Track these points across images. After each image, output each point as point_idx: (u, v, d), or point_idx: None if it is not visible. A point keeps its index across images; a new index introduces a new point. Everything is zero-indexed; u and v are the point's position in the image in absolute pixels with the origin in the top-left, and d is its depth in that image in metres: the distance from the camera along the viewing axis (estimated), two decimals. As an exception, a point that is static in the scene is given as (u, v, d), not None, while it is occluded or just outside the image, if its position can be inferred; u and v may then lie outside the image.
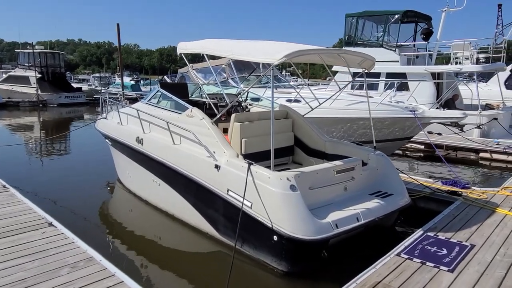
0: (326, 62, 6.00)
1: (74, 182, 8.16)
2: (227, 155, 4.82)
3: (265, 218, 4.18)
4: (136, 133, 6.42)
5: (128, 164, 6.93)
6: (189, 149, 5.36)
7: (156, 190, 6.16)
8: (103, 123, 7.79)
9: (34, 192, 7.11)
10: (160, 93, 6.55)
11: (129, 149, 6.64)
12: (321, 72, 54.87)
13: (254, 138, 5.58)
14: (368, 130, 9.37)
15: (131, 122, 6.89)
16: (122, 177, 7.64)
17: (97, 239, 5.18)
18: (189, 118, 5.54)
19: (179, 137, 5.68)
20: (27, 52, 30.43)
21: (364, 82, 5.95)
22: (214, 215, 4.98)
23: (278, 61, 4.26)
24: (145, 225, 5.94)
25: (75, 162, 10.36)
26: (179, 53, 5.98)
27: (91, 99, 31.66)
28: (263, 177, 4.27)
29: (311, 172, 4.51)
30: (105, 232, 5.74)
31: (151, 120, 6.29)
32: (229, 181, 4.63)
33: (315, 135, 6.14)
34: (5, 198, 5.46)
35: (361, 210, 4.45)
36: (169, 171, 5.63)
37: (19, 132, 16.82)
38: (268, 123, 5.92)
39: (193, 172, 5.17)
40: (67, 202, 6.74)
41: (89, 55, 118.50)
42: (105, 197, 7.40)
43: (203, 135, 5.20)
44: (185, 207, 5.51)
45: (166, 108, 6.18)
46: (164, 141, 5.81)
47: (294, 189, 4.13)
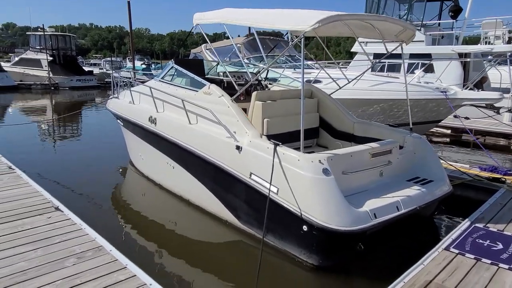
0: (356, 35, 5.42)
1: (85, 165, 7.80)
2: (250, 135, 4.34)
3: (293, 206, 3.71)
4: (149, 112, 5.97)
5: (141, 145, 6.51)
6: (207, 129, 4.90)
7: (170, 173, 5.74)
8: (115, 103, 7.36)
9: (41, 174, 6.76)
10: (174, 69, 6.06)
11: (141, 130, 6.22)
12: (333, 56, 53.49)
13: (276, 118, 5.08)
14: (394, 111, 8.78)
15: (143, 101, 6.44)
16: (135, 159, 7.25)
17: (107, 225, 4.78)
18: (207, 95, 5.06)
19: (195, 116, 5.22)
20: (38, 34, 30.15)
21: (402, 57, 5.34)
22: (235, 202, 4.54)
23: (311, 27, 3.72)
24: (159, 211, 5.55)
25: (86, 144, 10.03)
26: (195, 24, 5.45)
27: (102, 83, 31.42)
28: (291, 159, 3.79)
29: (345, 155, 4.01)
30: (116, 218, 5.35)
31: (165, 99, 5.83)
32: (252, 164, 4.17)
33: (342, 116, 5.61)
34: (10, 180, 5.10)
35: (400, 198, 3.95)
36: (185, 153, 5.19)
37: (31, 114, 16.60)
38: (291, 102, 5.41)
39: (211, 154, 4.72)
40: (76, 185, 6.37)
41: (100, 39, 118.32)
42: (116, 180, 7.02)
43: (222, 113, 4.73)
44: (202, 192, 5.08)
45: (181, 86, 5.70)
46: (179, 121, 5.35)
47: (327, 173, 3.64)
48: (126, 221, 5.15)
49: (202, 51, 12.59)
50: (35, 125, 12.51)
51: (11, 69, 29.03)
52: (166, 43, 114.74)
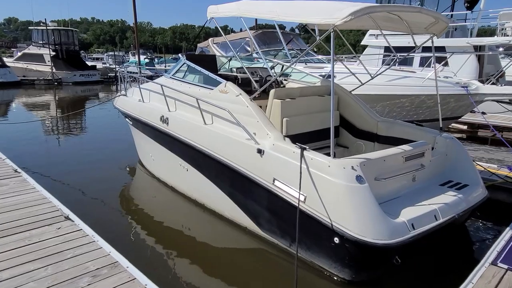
0: (381, 28, 5.07)
1: (92, 165, 7.52)
2: (272, 137, 4.03)
3: (323, 216, 3.41)
4: (160, 111, 5.67)
5: (151, 146, 6.22)
6: (224, 130, 4.60)
7: (184, 176, 5.46)
8: (123, 101, 7.06)
9: (48, 176, 6.51)
10: (186, 66, 5.74)
11: (152, 130, 5.92)
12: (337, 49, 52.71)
13: (296, 117, 4.78)
14: (411, 107, 8.44)
15: (154, 99, 6.14)
16: (144, 160, 6.96)
17: (120, 234, 4.51)
18: (223, 94, 4.75)
19: (210, 116, 4.91)
20: (40, 29, 29.80)
21: (433, 51, 4.99)
22: (255, 208, 4.24)
23: (342, 21, 3.39)
24: (172, 215, 5.27)
25: (92, 143, 9.75)
26: (209, 17, 5.12)
27: (105, 78, 31.15)
28: (321, 165, 3.48)
29: (377, 160, 3.69)
30: (128, 224, 5.06)
31: (177, 97, 5.53)
32: (276, 169, 3.86)
33: (365, 114, 5.29)
34: (16, 185, 4.82)
35: (437, 206, 3.65)
36: (200, 155, 4.89)
37: (35, 110, 16.34)
38: (311, 100, 5.10)
39: (229, 157, 4.42)
40: (84, 188, 6.10)
41: (102, 33, 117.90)
42: (125, 181, 6.74)
43: (240, 113, 4.42)
44: (219, 197, 4.79)
45: (194, 83, 5.39)
46: (193, 121, 5.05)
47: (361, 180, 3.33)
48: (139, 228, 4.86)
49: (209, 45, 12.24)
50: (39, 123, 12.25)
51: (13, 64, 28.75)
52: (168, 37, 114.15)
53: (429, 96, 8.08)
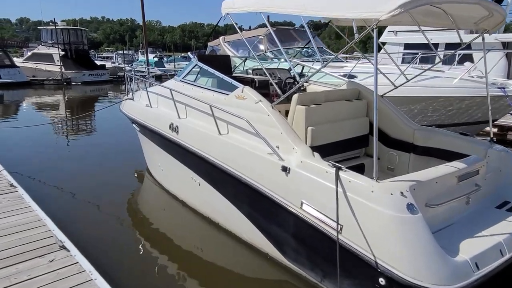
0: (420, 23, 4.44)
1: (97, 172, 7.02)
2: (299, 153, 3.45)
3: (365, 251, 2.83)
4: (169, 118, 5.13)
5: (160, 155, 5.69)
6: (242, 142, 4.03)
7: (196, 190, 4.91)
8: (130, 105, 6.54)
9: (48, 183, 6.05)
10: (198, 68, 5.19)
11: (160, 138, 5.39)
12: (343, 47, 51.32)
13: (321, 125, 4.19)
14: (441, 111, 7.76)
15: (162, 104, 5.60)
16: (153, 169, 6.45)
17: (120, 261, 3.98)
18: (240, 100, 4.18)
19: (225, 124, 4.35)
20: (49, 29, 29.61)
21: (483, 49, 4.33)
22: (279, 233, 3.67)
23: (388, 15, 2.79)
24: (183, 233, 4.74)
25: (99, 147, 9.26)
26: (224, 13, 4.55)
27: (114, 77, 30.86)
28: (361, 189, 2.89)
29: (428, 182, 3.08)
30: (132, 245, 4.50)
31: (188, 103, 4.98)
32: (304, 191, 3.28)
33: (399, 121, 4.66)
34: (11, 203, 4.33)
35: (502, 237, 3.02)
36: (213, 169, 4.33)
37: (44, 111, 16.02)
38: (338, 105, 4.51)
39: (247, 174, 3.85)
40: (86, 201, 5.59)
41: (112, 32, 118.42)
42: (132, 190, 6.22)
43: (260, 123, 3.85)
44: (236, 217, 4.23)
45: (207, 87, 4.83)
46: (206, 130, 4.50)
47: (413, 210, 2.73)
48: (146, 252, 4.32)
49: (220, 44, 11.70)
50: (44, 126, 11.86)
51: (23, 64, 28.62)
52: (177, 35, 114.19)
53: (461, 99, 7.40)
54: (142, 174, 6.92)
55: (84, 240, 4.03)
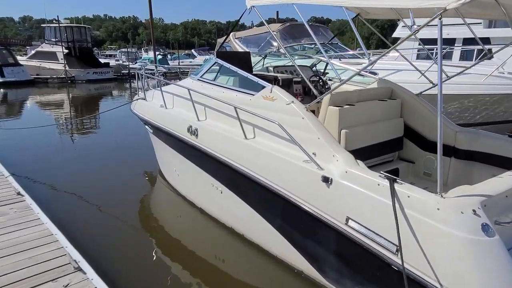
0: (465, 15, 4.04)
1: (107, 176, 6.66)
2: (341, 161, 3.06)
3: (429, 278, 2.44)
4: (188, 120, 4.76)
5: (176, 159, 5.32)
6: (272, 148, 3.65)
7: (217, 198, 4.54)
8: (142, 105, 6.17)
9: (56, 189, 5.70)
10: (218, 66, 4.80)
11: (177, 142, 5.01)
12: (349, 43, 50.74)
13: (355, 128, 3.80)
14: (471, 110, 7.35)
15: (178, 104, 5.23)
16: (167, 173, 6.08)
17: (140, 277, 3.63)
18: (268, 101, 3.79)
19: (251, 128, 3.97)
20: (53, 26, 29.25)
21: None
22: (318, 251, 3.30)
23: (458, 3, 2.40)
24: (202, 243, 4.37)
25: (108, 148, 8.88)
26: (249, 6, 4.15)
27: (119, 75, 30.56)
28: (423, 206, 2.50)
29: (499, 196, 2.68)
30: (149, 257, 4.17)
31: (208, 103, 4.61)
32: (351, 205, 2.90)
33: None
34: (18, 214, 3.97)
35: None
36: (239, 176, 3.96)
37: (48, 110, 15.70)
38: (371, 105, 4.12)
39: (280, 183, 3.47)
40: (96, 208, 5.24)
41: (114, 30, 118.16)
42: (145, 195, 5.87)
43: (293, 127, 3.46)
44: (264, 230, 3.86)
45: (229, 87, 4.45)
46: (230, 134, 4.12)
47: (489, 231, 2.34)
48: (167, 265, 3.96)
49: (230, 40, 11.25)
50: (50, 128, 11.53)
51: (27, 62, 28.29)
52: (180, 32, 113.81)
53: (491, 95, 6.99)
54: (152, 176, 6.58)
55: (100, 257, 3.67)
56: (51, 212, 4.23)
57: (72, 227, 4.23)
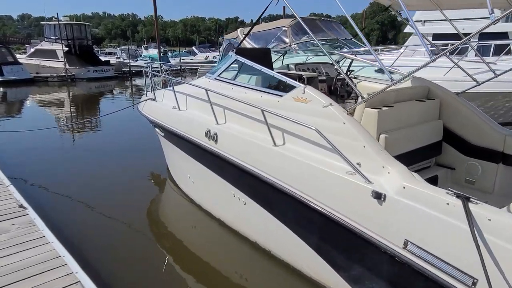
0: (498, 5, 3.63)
1: (110, 181, 6.27)
2: (395, 174, 2.64)
3: None
4: (205, 123, 4.33)
5: (191, 165, 4.91)
6: (306, 156, 3.23)
7: (239, 210, 4.13)
8: (152, 107, 5.74)
9: (58, 201, 5.28)
10: (239, 64, 4.38)
11: (193, 147, 4.59)
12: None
13: (395, 132, 3.40)
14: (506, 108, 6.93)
15: (194, 106, 4.81)
16: (180, 180, 5.67)
17: None
18: (301, 103, 3.37)
19: (280, 133, 3.56)
20: (53, 24, 28.77)
21: None
22: (365, 275, 2.88)
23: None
24: (223, 258, 3.98)
25: (108, 150, 8.46)
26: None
27: (119, 73, 30.13)
28: (507, 231, 2.09)
29: None
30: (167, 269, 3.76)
31: (227, 105, 4.19)
32: (411, 227, 2.48)
33: (484, 125, 3.85)
34: (21, 231, 3.56)
35: None
36: (267, 188, 3.54)
37: (49, 109, 15.26)
38: (409, 107, 3.73)
39: (319, 198, 3.05)
40: (104, 219, 4.84)
41: (114, 28, 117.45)
42: (154, 200, 5.47)
43: (332, 133, 3.05)
44: (296, 247, 3.45)
45: (251, 87, 4.02)
46: (256, 139, 3.70)
47: None
48: (183, 278, 3.55)
49: (238, 37, 10.80)
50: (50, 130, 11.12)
51: (26, 61, 27.82)
52: (179, 29, 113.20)
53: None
54: (161, 181, 6.17)
55: (112, 280, 3.26)
56: (57, 227, 3.84)
57: (80, 245, 3.82)
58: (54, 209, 4.93)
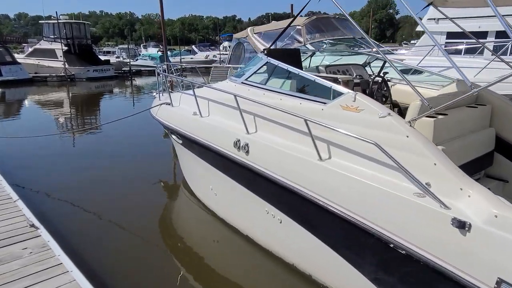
0: None
1: (120, 190, 5.91)
2: (479, 198, 2.26)
3: None
4: (234, 132, 3.94)
5: (214, 177, 4.51)
6: (361, 173, 2.84)
7: (274, 228, 3.74)
8: (168, 112, 5.34)
9: (71, 219, 4.87)
10: (269, 66, 3.98)
11: (219, 157, 4.20)
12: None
13: (450, 143, 3.02)
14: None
15: (217, 112, 4.41)
16: (200, 191, 5.27)
17: None
18: (351, 112, 2.98)
19: (325, 145, 3.17)
20: (51, 23, 28.25)
21: None
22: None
23: None
24: (254, 281, 3.61)
25: (121, 159, 8.07)
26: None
27: (120, 72, 29.67)
28: None
29: None
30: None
31: (258, 112, 3.80)
32: (506, 263, 2.11)
33: None
34: (34, 258, 3.15)
35: None
36: (311, 207, 3.15)
37: (49, 110, 14.80)
38: (462, 114, 3.36)
39: (380, 222, 2.67)
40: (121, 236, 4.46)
41: (111, 26, 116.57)
42: (169, 210, 5.08)
43: (394, 148, 2.66)
44: (347, 275, 3.06)
45: (287, 93, 3.63)
46: (296, 152, 3.31)
47: None
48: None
49: (248, 36, 10.38)
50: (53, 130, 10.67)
51: (25, 60, 27.32)
52: (177, 28, 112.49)
53: None
54: (172, 187, 5.80)
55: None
56: (73, 250, 3.43)
57: (100, 270, 3.42)
58: (68, 228, 4.49)
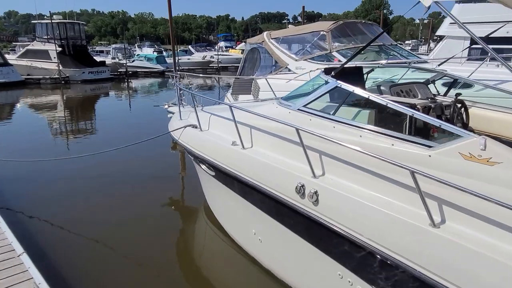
0: None
1: (128, 218, 5.13)
2: None
3: None
4: (295, 174, 3.14)
5: (262, 222, 3.73)
6: (503, 252, 2.10)
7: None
8: (197, 137, 4.53)
9: (71, 266, 4.08)
10: (339, 93, 3.22)
11: (272, 202, 3.42)
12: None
13: None
14: None
15: (265, 144, 3.62)
16: (235, 230, 4.50)
17: None
18: (479, 164, 2.24)
19: (435, 204, 2.41)
20: (45, 23, 27.13)
21: None
22: None
23: None
24: None
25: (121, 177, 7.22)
26: (430, 3, 2.59)
27: (115, 74, 28.73)
28: None
29: None
30: None
31: (325, 150, 3.03)
32: None
33: None
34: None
35: None
36: (417, 285, 2.40)
37: (43, 115, 13.87)
38: None
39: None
40: (133, 270, 3.67)
41: (103, 25, 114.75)
42: (203, 259, 4.31)
43: None
44: None
45: (371, 129, 2.85)
46: (395, 211, 2.54)
47: None
48: None
49: (264, 42, 9.51)
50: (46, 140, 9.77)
51: (17, 62, 26.19)
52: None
53: None
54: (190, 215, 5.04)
55: None
56: None
57: None
58: (61, 273, 3.71)
